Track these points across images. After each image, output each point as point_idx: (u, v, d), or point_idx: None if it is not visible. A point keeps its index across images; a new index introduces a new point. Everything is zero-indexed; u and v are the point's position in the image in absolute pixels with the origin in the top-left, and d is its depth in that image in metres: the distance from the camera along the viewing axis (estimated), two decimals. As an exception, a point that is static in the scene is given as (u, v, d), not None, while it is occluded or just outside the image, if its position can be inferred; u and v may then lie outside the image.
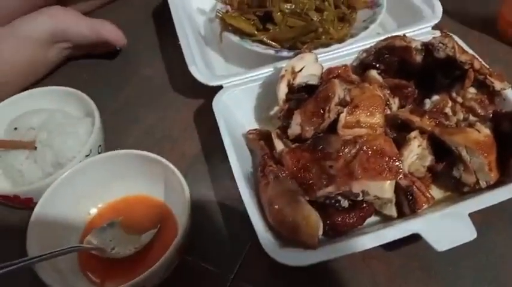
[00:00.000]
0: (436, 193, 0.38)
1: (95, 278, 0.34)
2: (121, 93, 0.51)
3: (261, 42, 0.50)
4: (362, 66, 0.45)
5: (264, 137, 0.42)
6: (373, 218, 0.37)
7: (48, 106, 0.43)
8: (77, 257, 0.35)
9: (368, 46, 0.46)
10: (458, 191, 0.38)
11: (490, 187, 0.36)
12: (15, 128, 0.41)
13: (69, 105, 0.43)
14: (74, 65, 0.55)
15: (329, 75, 0.42)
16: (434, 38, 0.43)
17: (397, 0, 0.53)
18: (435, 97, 0.41)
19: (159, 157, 0.37)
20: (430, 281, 0.35)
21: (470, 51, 0.44)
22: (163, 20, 0.57)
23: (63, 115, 0.42)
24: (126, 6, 0.63)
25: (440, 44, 0.41)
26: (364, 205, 0.36)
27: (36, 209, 0.35)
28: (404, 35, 0.43)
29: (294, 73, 0.41)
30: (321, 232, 0.33)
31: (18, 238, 0.33)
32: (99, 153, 0.40)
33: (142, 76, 0.53)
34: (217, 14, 0.51)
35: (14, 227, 0.38)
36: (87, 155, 0.38)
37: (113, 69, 0.54)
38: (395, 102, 0.42)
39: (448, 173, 0.37)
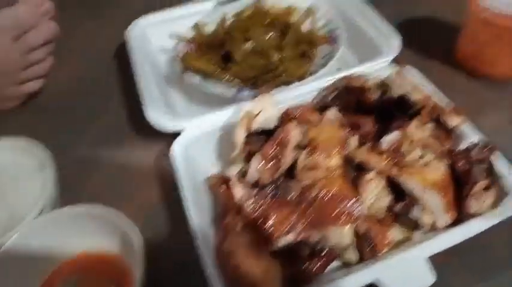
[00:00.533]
0: (397, 232, 0.38)
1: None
2: (80, 140, 0.50)
3: (222, 80, 0.50)
4: (322, 104, 0.45)
5: (226, 181, 0.41)
6: (336, 263, 0.37)
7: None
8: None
9: (328, 84, 0.46)
10: (419, 230, 0.38)
11: (449, 226, 0.36)
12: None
13: (22, 156, 0.42)
14: (28, 110, 0.54)
15: (287, 117, 0.42)
16: (389, 76, 0.43)
17: (357, 35, 0.54)
18: (393, 134, 0.42)
19: (116, 211, 0.36)
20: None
21: (428, 85, 0.45)
22: (124, 62, 0.57)
23: (15, 166, 0.41)
24: (88, 47, 0.63)
25: (394, 83, 0.42)
26: (325, 251, 0.36)
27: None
28: (359, 75, 0.44)
29: (251, 118, 0.41)
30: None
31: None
32: (54, 208, 0.39)
33: (102, 122, 0.52)
34: (178, 55, 0.51)
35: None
36: (41, 212, 0.37)
37: (71, 114, 0.53)
38: (354, 141, 0.42)
39: (407, 209, 0.37)
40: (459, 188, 0.37)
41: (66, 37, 0.56)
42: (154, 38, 0.57)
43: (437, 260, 0.34)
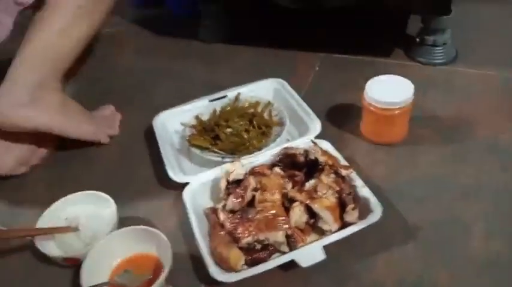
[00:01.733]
0: (312, 236, 0.67)
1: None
2: (125, 189, 0.79)
3: (213, 152, 0.80)
4: (271, 164, 0.76)
5: (214, 211, 0.70)
6: (276, 254, 0.65)
7: (81, 203, 0.72)
8: (108, 287, 0.62)
9: (275, 152, 0.76)
10: (323, 233, 0.66)
11: (338, 230, 0.65)
12: (66, 218, 0.69)
13: (95, 201, 0.72)
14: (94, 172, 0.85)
15: (250, 172, 0.72)
16: (309, 147, 0.74)
17: (296, 119, 0.85)
18: (312, 181, 0.71)
19: (155, 230, 0.65)
20: (304, 280, 0.62)
21: (333, 151, 0.75)
22: (150, 140, 0.88)
23: (94, 207, 0.71)
24: (125, 130, 0.95)
25: (311, 151, 0.73)
26: (270, 247, 0.64)
27: (84, 263, 0.62)
28: (292, 147, 0.75)
29: (228, 174, 0.71)
30: (242, 263, 0.61)
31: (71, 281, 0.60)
32: (117, 229, 0.68)
33: (139, 177, 0.82)
34: (185, 137, 0.83)
35: (67, 276, 0.65)
36: (110, 231, 0.67)
37: (117, 172, 0.84)
38: (289, 185, 0.71)
39: (316, 222, 0.66)
40: (342, 208, 0.66)
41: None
42: (170, 124, 0.89)
43: (329, 248, 0.62)
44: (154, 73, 1.12)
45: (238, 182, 0.72)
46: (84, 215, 0.70)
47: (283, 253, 0.64)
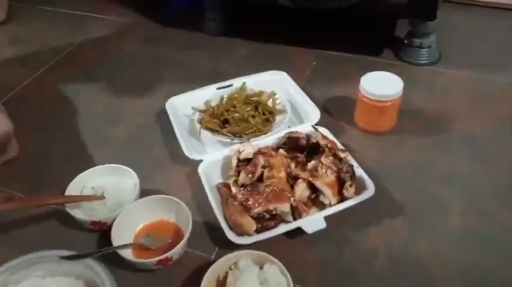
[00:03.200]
0: (313, 210, 0.76)
1: (140, 257, 0.68)
2: (143, 165, 0.86)
3: (223, 134, 0.89)
4: (276, 146, 0.85)
5: (226, 186, 0.79)
6: (282, 224, 0.74)
7: (106, 174, 0.79)
8: (132, 247, 0.69)
9: (280, 136, 0.85)
10: (324, 207, 0.76)
11: (337, 203, 0.74)
12: (92, 187, 0.76)
13: (119, 173, 0.79)
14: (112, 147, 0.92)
15: (258, 153, 0.81)
16: (311, 131, 0.83)
17: (297, 108, 0.95)
18: (313, 162, 0.80)
19: (175, 198, 0.73)
20: (307, 245, 0.71)
21: (331, 137, 0.85)
22: (163, 122, 0.96)
23: (117, 178, 0.78)
24: (141, 113, 1.02)
25: (313, 135, 0.82)
26: (277, 216, 0.73)
27: (113, 227, 0.69)
28: (296, 131, 0.84)
29: (239, 153, 0.80)
30: (254, 228, 0.70)
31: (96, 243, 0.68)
32: (140, 195, 0.75)
33: (155, 155, 0.90)
34: (197, 120, 0.91)
35: (94, 238, 0.72)
36: (133, 200, 0.74)
37: (135, 149, 0.91)
38: (292, 165, 0.80)
39: (318, 198, 0.76)
40: (341, 184, 0.75)
41: (128, 104, 0.95)
42: (181, 109, 0.96)
43: (329, 219, 0.71)
44: (162, 61, 1.19)
45: (247, 161, 0.80)
46: (109, 185, 0.77)
47: (288, 222, 0.73)
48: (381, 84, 0.87)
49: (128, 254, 0.67)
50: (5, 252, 0.67)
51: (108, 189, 0.76)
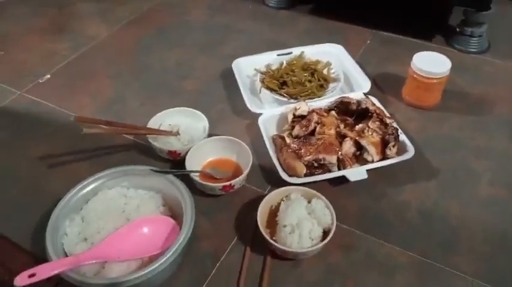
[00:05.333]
0: (357, 165, 0.86)
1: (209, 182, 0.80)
2: (209, 115, 0.99)
3: (280, 94, 0.99)
4: (328, 109, 0.95)
5: (281, 137, 0.89)
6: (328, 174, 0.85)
7: (181, 115, 0.92)
8: (199, 175, 0.82)
9: (332, 100, 0.95)
10: (366, 163, 0.85)
11: (379, 161, 0.84)
12: (169, 124, 0.90)
13: (192, 115, 0.92)
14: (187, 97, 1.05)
15: (312, 111, 0.91)
16: (362, 98, 0.93)
17: (350, 78, 1.04)
18: (360, 125, 0.90)
19: (238, 140, 0.85)
20: (349, 193, 0.82)
21: (379, 105, 0.94)
22: (228, 80, 1.08)
23: (191, 120, 0.91)
24: (208, 69, 1.14)
25: (363, 101, 0.91)
26: (324, 166, 0.84)
27: (186, 158, 0.82)
28: (348, 96, 0.93)
29: (295, 110, 0.91)
30: (305, 171, 0.81)
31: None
32: (208, 136, 0.88)
33: (219, 108, 1.02)
34: (260, 79, 1.02)
35: (168, 166, 0.86)
36: (204, 138, 0.87)
37: (204, 102, 1.03)
38: (342, 126, 0.90)
39: (361, 155, 0.86)
40: (384, 145, 0.85)
41: (195, 62, 1.08)
42: (244, 69, 1.08)
43: (371, 174, 0.81)
44: (226, 29, 1.31)
45: (301, 117, 0.91)
46: (183, 124, 0.90)
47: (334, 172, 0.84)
48: (431, 63, 0.95)
49: (198, 179, 0.79)
50: (96, 170, 0.81)
51: (182, 127, 0.89)
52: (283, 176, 0.80)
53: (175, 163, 0.86)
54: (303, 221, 0.70)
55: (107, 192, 0.75)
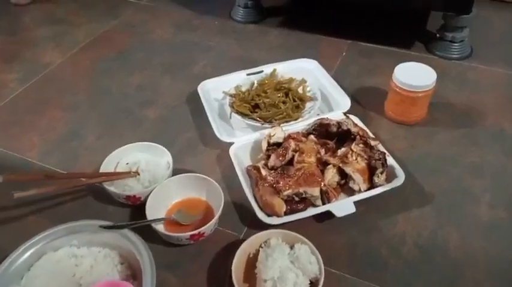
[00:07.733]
0: (342, 196, 0.77)
1: (171, 232, 0.70)
2: (174, 146, 0.88)
3: (253, 119, 0.90)
4: (307, 133, 0.85)
5: (255, 168, 0.80)
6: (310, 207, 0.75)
7: (141, 151, 0.81)
8: (164, 223, 0.71)
9: (310, 122, 0.86)
10: (353, 194, 0.76)
11: (366, 190, 0.75)
12: (127, 163, 0.78)
13: (153, 150, 0.81)
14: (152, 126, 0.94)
15: (288, 137, 0.82)
16: (342, 119, 0.84)
17: (327, 96, 0.95)
18: (343, 149, 0.81)
19: (207, 177, 0.74)
20: (335, 230, 0.72)
21: (361, 125, 0.85)
22: (193, 104, 0.97)
23: (151, 156, 0.80)
24: (173, 94, 1.04)
25: (344, 122, 0.82)
26: (306, 200, 0.74)
27: (147, 202, 0.71)
28: (327, 118, 0.84)
29: (270, 137, 0.81)
30: (284, 209, 0.71)
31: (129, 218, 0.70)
32: (173, 173, 0.77)
33: (185, 138, 0.91)
34: (229, 103, 0.92)
35: (127, 212, 0.74)
36: (167, 177, 0.76)
37: (167, 130, 0.93)
38: (322, 151, 0.81)
39: (347, 184, 0.76)
40: (371, 172, 0.76)
41: (159, 86, 0.97)
42: (213, 93, 0.98)
43: (358, 205, 0.72)
44: (192, 47, 1.21)
45: (277, 145, 0.81)
46: (143, 160, 0.79)
47: (317, 207, 0.74)
48: (415, 75, 0.87)
49: (161, 228, 0.69)
50: (44, 223, 0.70)
51: (143, 165, 0.78)
52: (261, 216, 0.70)
53: (136, 208, 0.75)
54: (285, 272, 0.60)
55: (53, 254, 0.63)
